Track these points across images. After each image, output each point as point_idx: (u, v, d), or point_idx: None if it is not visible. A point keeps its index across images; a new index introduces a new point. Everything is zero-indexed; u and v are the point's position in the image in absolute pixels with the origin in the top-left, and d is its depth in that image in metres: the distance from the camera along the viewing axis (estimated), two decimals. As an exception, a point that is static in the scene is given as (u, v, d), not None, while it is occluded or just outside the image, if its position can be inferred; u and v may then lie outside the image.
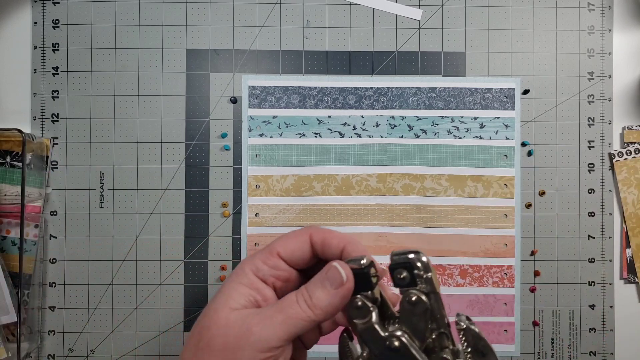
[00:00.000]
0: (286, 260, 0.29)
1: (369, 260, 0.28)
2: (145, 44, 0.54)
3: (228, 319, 0.27)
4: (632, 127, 0.55)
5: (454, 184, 0.54)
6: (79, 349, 0.53)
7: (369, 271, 0.28)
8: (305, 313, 0.27)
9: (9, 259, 0.52)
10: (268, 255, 0.29)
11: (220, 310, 0.27)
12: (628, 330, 0.54)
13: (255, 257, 0.29)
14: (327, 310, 0.27)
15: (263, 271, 0.29)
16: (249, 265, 0.29)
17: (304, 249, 0.29)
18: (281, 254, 0.29)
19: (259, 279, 0.29)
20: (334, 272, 0.27)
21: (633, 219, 0.54)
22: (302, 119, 0.54)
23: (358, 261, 0.28)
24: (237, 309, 0.27)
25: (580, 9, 0.55)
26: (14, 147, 0.52)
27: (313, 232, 0.30)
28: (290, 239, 0.30)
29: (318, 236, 0.29)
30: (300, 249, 0.29)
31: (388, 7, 0.55)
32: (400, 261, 0.28)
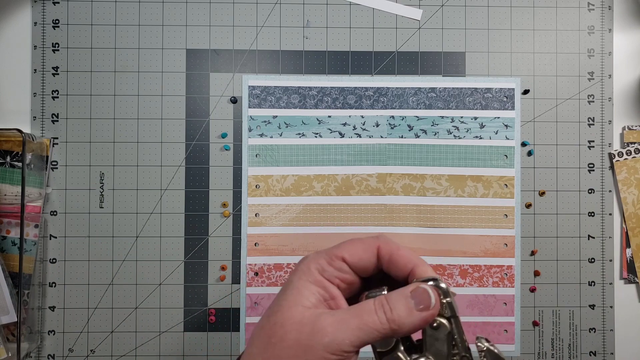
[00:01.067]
0: (351, 266, 0.29)
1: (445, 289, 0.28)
2: (145, 44, 0.54)
3: (303, 316, 0.27)
4: (632, 127, 0.55)
5: (454, 184, 0.54)
6: (79, 349, 0.53)
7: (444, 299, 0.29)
8: (382, 325, 0.27)
9: (9, 259, 0.52)
10: (333, 258, 0.29)
11: (293, 307, 0.27)
12: (628, 330, 0.54)
13: (320, 257, 0.29)
14: (405, 328, 0.27)
15: (329, 272, 0.29)
16: (314, 264, 0.29)
17: (371, 259, 0.30)
18: (347, 259, 0.29)
19: (324, 278, 0.29)
20: (423, 294, 0.27)
21: (633, 219, 0.54)
22: (302, 119, 0.54)
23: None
24: (310, 307, 0.27)
25: (580, 9, 0.55)
26: (14, 147, 0.52)
27: (382, 244, 0.30)
28: (357, 246, 0.30)
29: (386, 250, 0.30)
30: (367, 258, 0.29)
31: (388, 7, 0.55)
32: None
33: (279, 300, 0.28)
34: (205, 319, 0.53)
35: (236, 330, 0.53)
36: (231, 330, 0.53)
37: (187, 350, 0.53)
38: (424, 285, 0.28)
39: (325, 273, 0.29)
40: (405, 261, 0.29)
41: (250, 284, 0.53)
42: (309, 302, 0.28)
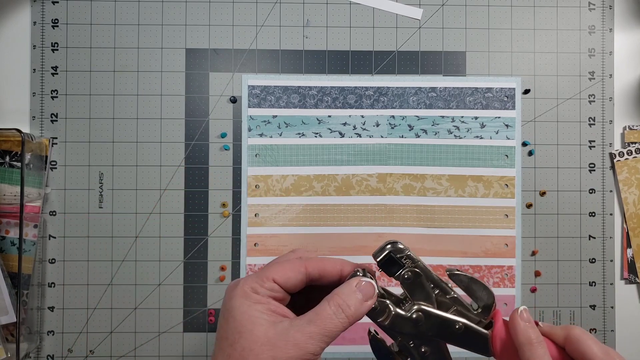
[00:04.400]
0: (281, 285, 0.32)
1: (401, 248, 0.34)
2: (144, 44, 0.54)
3: (268, 336, 0.29)
4: (632, 127, 0.55)
5: (454, 184, 0.54)
6: (78, 350, 0.52)
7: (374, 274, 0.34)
8: (342, 324, 0.30)
9: (8, 259, 0.52)
10: (264, 279, 0.31)
11: (254, 330, 0.29)
12: (629, 330, 0.54)
13: (251, 281, 0.32)
14: (356, 318, 0.31)
15: (262, 292, 0.31)
16: (247, 287, 0.31)
17: (299, 278, 0.32)
18: (277, 280, 0.32)
19: (260, 296, 0.31)
20: (367, 286, 0.31)
21: (634, 219, 0.54)
22: (302, 118, 0.54)
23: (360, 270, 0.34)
24: (267, 325, 0.30)
25: (581, 8, 0.55)
26: (13, 147, 0.52)
27: (308, 264, 0.33)
28: (285, 268, 0.32)
29: (314, 268, 0.33)
30: (295, 277, 0.32)
31: (388, 7, 0.55)
32: (384, 256, 0.33)
33: (232, 328, 0.30)
34: (205, 319, 0.53)
35: (236, 331, 0.53)
36: (231, 331, 0.53)
37: (187, 350, 0.53)
38: (366, 278, 0.32)
39: (260, 294, 0.31)
40: (333, 269, 0.33)
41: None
42: (264, 321, 0.30)
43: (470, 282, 0.33)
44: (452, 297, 0.33)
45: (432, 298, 0.33)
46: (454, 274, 0.33)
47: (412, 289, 0.33)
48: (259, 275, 0.32)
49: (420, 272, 0.33)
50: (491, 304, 0.33)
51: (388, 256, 0.33)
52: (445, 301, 0.33)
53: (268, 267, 0.32)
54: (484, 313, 0.33)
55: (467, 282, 0.33)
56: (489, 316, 0.33)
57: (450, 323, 0.32)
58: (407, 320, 0.32)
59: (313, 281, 0.33)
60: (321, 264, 0.33)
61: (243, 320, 0.30)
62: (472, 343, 0.32)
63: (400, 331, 0.33)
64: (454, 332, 0.32)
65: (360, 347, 0.53)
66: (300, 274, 0.32)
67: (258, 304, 0.30)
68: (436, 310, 0.33)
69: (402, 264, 0.33)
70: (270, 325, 0.29)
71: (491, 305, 0.33)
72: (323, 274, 0.33)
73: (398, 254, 0.33)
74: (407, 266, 0.33)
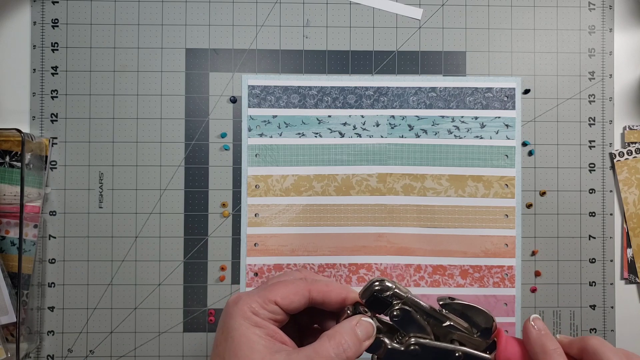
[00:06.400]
0: (282, 308, 0.32)
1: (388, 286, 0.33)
2: (144, 44, 0.54)
3: None
4: (633, 127, 0.55)
5: (454, 184, 0.54)
6: (78, 350, 0.52)
7: None
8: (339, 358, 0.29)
9: (8, 259, 0.52)
10: (267, 302, 0.31)
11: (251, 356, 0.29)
12: (629, 330, 0.54)
13: (252, 300, 0.31)
14: (354, 355, 0.30)
15: (262, 314, 0.31)
16: (248, 307, 0.31)
17: (302, 301, 0.32)
18: (279, 302, 0.31)
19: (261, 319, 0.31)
20: (367, 327, 0.31)
21: (634, 219, 0.54)
22: (302, 118, 0.54)
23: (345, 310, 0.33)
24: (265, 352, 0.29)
25: (581, 8, 0.55)
26: (13, 147, 0.52)
27: (312, 288, 0.32)
28: (289, 290, 0.32)
29: (318, 292, 0.33)
30: (298, 300, 0.32)
31: (388, 7, 0.55)
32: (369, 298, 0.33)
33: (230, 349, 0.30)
34: (205, 319, 0.53)
35: (236, 331, 0.53)
36: (231, 331, 0.53)
37: (187, 350, 0.53)
38: (366, 318, 0.32)
39: (260, 315, 0.31)
40: (337, 296, 0.33)
41: (250, 284, 0.53)
42: (262, 347, 0.29)
43: (465, 309, 0.32)
44: (448, 324, 0.32)
45: (427, 329, 0.32)
46: (446, 304, 0.33)
47: (403, 324, 0.32)
48: (261, 296, 0.31)
49: (410, 307, 0.32)
50: (490, 327, 0.32)
51: (373, 297, 0.32)
52: (442, 330, 0.32)
53: (271, 288, 0.32)
54: (485, 336, 0.32)
55: (462, 310, 0.32)
56: (489, 338, 0.32)
57: (448, 352, 0.32)
58: (404, 353, 0.32)
59: (315, 305, 0.33)
60: (326, 289, 0.33)
61: (241, 343, 0.29)
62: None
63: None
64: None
65: (360, 347, 0.53)
66: (303, 297, 0.32)
67: (257, 327, 0.30)
68: (433, 341, 0.32)
69: (389, 302, 0.32)
70: (268, 353, 0.29)
71: (490, 327, 0.32)
72: (327, 301, 0.33)
73: (384, 293, 0.32)
74: (393, 304, 0.32)
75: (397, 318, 0.32)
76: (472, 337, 0.32)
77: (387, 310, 0.33)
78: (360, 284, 0.53)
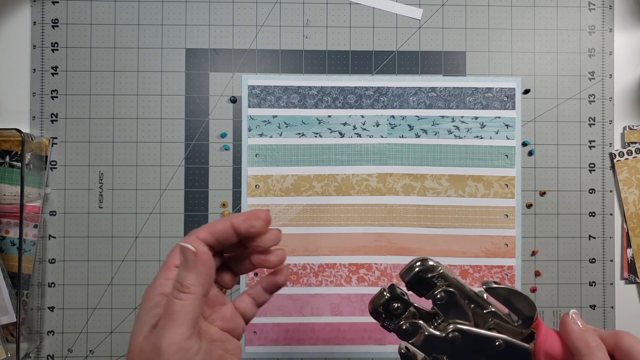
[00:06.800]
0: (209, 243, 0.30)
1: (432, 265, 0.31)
2: (144, 44, 0.54)
3: (140, 345, 0.28)
4: (633, 127, 0.55)
5: (454, 184, 0.54)
6: (78, 350, 0.52)
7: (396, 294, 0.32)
8: (184, 300, 0.27)
9: (8, 259, 0.52)
10: (167, 272, 0.30)
11: (134, 339, 0.28)
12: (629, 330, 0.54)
13: (158, 278, 0.30)
14: (198, 284, 0.28)
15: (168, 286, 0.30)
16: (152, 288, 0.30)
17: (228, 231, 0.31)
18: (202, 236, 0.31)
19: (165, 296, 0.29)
20: (185, 251, 0.29)
21: (634, 219, 0.54)
22: (302, 118, 0.54)
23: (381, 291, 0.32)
24: (148, 330, 0.28)
25: (581, 8, 0.55)
26: (13, 147, 0.52)
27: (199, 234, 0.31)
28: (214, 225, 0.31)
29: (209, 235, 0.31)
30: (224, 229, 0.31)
31: (388, 7, 0.55)
32: (412, 277, 0.31)
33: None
34: (205, 319, 0.53)
35: (236, 331, 0.53)
36: (231, 331, 0.53)
37: (187, 350, 0.53)
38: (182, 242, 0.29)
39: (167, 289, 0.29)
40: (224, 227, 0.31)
41: (249, 284, 0.53)
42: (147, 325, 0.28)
43: (509, 295, 0.31)
44: (489, 311, 0.31)
45: (469, 315, 0.31)
46: (491, 287, 0.31)
47: (446, 309, 0.31)
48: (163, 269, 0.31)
49: (454, 290, 0.31)
50: (532, 315, 0.30)
51: (417, 277, 0.31)
52: (482, 316, 0.31)
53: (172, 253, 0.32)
54: (525, 325, 0.31)
55: (506, 295, 0.31)
56: (529, 328, 0.31)
57: (489, 340, 0.30)
58: (442, 340, 0.31)
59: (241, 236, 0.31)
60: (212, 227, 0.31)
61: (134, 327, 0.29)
62: (514, 359, 0.30)
63: (433, 353, 0.31)
64: (494, 349, 0.30)
65: (361, 347, 0.53)
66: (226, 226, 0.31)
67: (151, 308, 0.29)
68: (474, 328, 0.31)
69: (434, 284, 0.31)
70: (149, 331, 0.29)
71: (532, 316, 0.30)
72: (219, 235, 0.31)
73: (428, 274, 0.31)
74: (439, 286, 0.31)
75: (441, 301, 0.31)
76: (511, 325, 0.31)
77: (430, 293, 0.31)
78: (361, 284, 0.53)
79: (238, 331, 0.33)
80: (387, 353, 0.53)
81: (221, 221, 0.31)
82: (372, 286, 0.53)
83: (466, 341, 0.30)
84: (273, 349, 0.53)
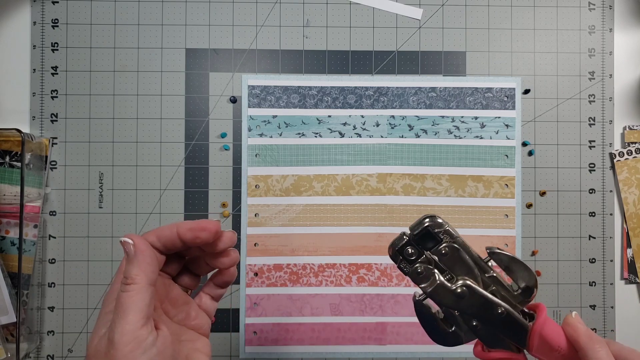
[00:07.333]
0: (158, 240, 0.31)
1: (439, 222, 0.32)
2: (144, 44, 0.54)
3: (95, 346, 0.28)
4: (632, 127, 0.55)
5: (454, 184, 0.54)
6: (78, 350, 0.52)
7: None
8: (130, 291, 0.28)
9: (8, 259, 0.52)
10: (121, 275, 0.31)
11: (90, 342, 0.29)
12: (629, 330, 0.54)
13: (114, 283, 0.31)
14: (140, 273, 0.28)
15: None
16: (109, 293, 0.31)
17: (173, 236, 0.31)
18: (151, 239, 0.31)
19: None
20: (124, 245, 0.29)
21: (634, 219, 0.54)
22: (302, 118, 0.54)
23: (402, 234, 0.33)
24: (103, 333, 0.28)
25: (581, 8, 0.55)
26: (13, 147, 0.52)
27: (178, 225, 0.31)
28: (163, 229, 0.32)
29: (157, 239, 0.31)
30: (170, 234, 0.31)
31: (388, 7, 0.55)
32: (420, 230, 0.32)
33: None
34: (205, 319, 0.53)
35: (236, 331, 0.53)
36: (231, 331, 0.53)
37: (187, 350, 0.53)
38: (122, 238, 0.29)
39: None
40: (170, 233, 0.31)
41: (249, 284, 0.53)
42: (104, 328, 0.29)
43: (511, 262, 0.32)
44: (491, 276, 0.32)
45: (475, 274, 0.32)
46: (494, 252, 0.32)
47: (450, 264, 0.32)
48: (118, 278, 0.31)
49: (459, 247, 0.32)
50: (532, 285, 0.31)
51: (425, 230, 0.32)
52: (484, 280, 0.32)
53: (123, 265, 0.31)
54: (524, 295, 0.32)
55: (508, 262, 0.32)
56: (528, 299, 0.32)
57: (492, 306, 0.31)
58: (450, 293, 0.31)
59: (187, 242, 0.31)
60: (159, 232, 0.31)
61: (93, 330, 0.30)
62: (509, 331, 0.31)
63: (439, 301, 0.32)
64: (494, 315, 0.31)
65: (361, 347, 0.53)
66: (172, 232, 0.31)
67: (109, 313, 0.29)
68: (482, 290, 0.32)
69: (440, 239, 0.32)
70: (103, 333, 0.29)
71: (532, 287, 0.31)
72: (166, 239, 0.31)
73: (436, 229, 0.32)
74: (444, 241, 0.32)
75: (445, 255, 0.32)
76: (510, 294, 0.32)
77: (435, 247, 0.32)
78: (361, 284, 0.53)
79: (205, 328, 0.34)
80: (387, 353, 0.53)
81: (169, 227, 0.31)
82: (372, 286, 0.53)
83: (471, 300, 0.31)
84: (273, 349, 0.53)
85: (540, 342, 0.31)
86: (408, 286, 0.54)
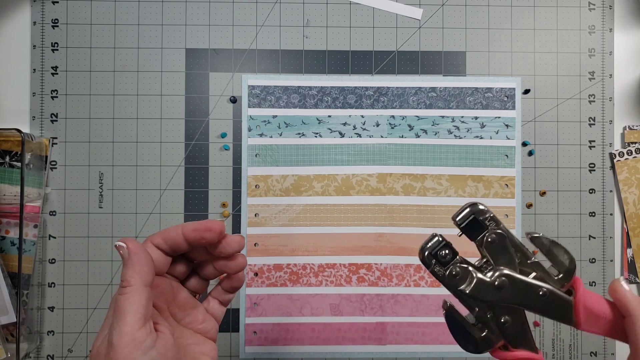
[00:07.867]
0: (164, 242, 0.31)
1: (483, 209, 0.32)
2: (144, 44, 0.54)
3: (97, 349, 0.28)
4: (632, 127, 0.55)
5: (454, 184, 0.54)
6: (78, 350, 0.52)
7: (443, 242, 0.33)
8: (126, 293, 0.28)
9: (8, 259, 0.52)
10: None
11: (93, 345, 0.29)
12: (629, 330, 0.54)
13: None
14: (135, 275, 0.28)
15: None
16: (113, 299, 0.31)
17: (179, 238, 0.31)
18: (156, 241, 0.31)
19: None
20: (118, 249, 0.29)
21: (634, 219, 0.54)
22: (302, 118, 0.54)
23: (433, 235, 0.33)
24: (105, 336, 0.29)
25: (581, 8, 0.55)
26: (13, 147, 0.52)
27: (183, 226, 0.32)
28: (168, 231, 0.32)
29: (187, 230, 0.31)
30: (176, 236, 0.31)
31: (388, 7, 0.55)
32: (466, 217, 0.32)
33: None
34: (205, 319, 0.53)
35: (236, 331, 0.53)
36: (231, 331, 0.53)
37: (187, 350, 0.53)
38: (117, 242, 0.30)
39: None
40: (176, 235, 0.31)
41: (249, 284, 0.53)
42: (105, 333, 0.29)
43: (552, 246, 0.32)
44: (532, 262, 0.32)
45: (515, 263, 0.32)
46: (535, 237, 0.32)
47: (495, 253, 0.32)
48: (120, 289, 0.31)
49: (505, 234, 0.31)
50: (572, 268, 0.31)
51: (471, 218, 0.31)
52: (526, 266, 0.32)
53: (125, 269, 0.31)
54: (565, 279, 0.31)
55: (549, 246, 0.32)
56: (569, 282, 0.32)
57: (534, 289, 0.31)
58: (490, 286, 0.31)
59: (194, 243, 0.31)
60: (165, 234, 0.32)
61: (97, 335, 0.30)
62: (554, 310, 0.31)
63: (481, 299, 0.31)
64: (538, 298, 0.31)
65: (361, 347, 0.53)
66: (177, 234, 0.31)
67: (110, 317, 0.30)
68: (520, 275, 0.31)
69: (486, 226, 0.31)
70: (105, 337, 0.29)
71: (572, 270, 0.31)
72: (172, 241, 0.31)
73: (481, 216, 0.31)
74: (491, 228, 0.31)
75: (492, 244, 0.31)
76: (551, 278, 0.32)
77: (482, 235, 0.32)
78: (360, 284, 0.53)
79: (212, 332, 0.34)
80: (387, 353, 0.53)
81: (174, 228, 0.31)
82: (372, 286, 0.53)
83: (512, 289, 0.31)
84: (273, 349, 0.53)
85: (586, 313, 0.31)
86: (408, 286, 0.54)
